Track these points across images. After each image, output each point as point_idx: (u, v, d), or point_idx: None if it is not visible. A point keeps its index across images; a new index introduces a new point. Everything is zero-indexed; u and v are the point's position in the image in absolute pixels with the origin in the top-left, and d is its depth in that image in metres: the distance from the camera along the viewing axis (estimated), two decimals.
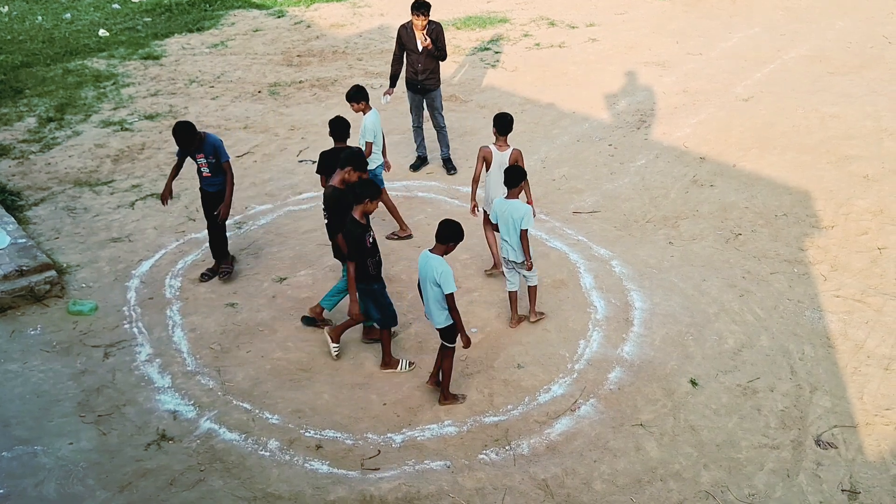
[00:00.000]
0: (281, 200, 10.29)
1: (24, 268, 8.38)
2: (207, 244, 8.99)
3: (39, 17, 19.37)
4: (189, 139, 8.14)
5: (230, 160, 8.51)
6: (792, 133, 11.93)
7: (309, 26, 18.44)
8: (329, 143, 8.55)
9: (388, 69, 15.39)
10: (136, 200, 10.54)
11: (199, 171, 8.48)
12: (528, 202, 7.87)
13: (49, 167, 11.49)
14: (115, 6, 20.34)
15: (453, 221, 6.64)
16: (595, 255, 9.15)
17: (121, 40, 17.53)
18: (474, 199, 8.52)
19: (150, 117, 13.26)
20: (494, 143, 8.39)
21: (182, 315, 8.22)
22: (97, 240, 9.59)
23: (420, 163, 11.46)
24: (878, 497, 6.00)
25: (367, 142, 9.07)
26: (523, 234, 7.51)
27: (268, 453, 6.46)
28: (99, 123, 13.01)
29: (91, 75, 15.18)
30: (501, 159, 8.26)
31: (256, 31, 18.20)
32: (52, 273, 8.50)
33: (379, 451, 6.49)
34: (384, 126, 9.61)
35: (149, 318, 8.16)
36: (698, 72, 14.70)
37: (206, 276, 8.75)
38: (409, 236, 9.48)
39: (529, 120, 12.97)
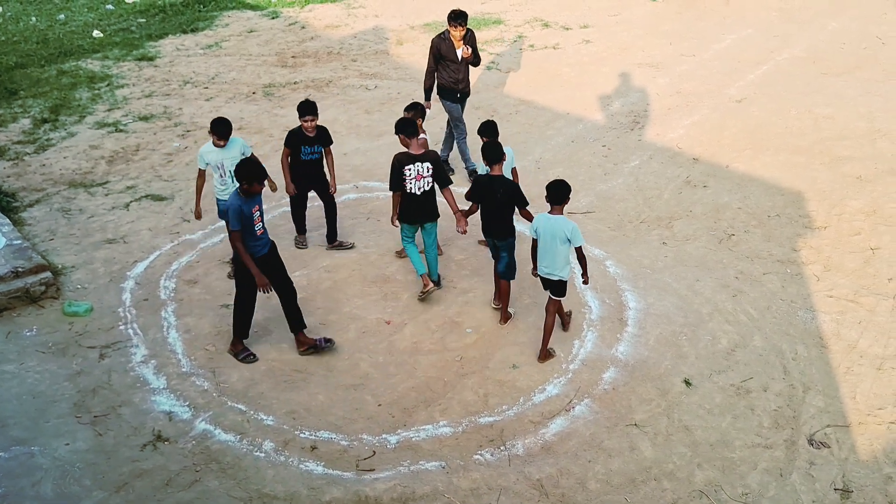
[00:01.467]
0: (275, 201, 10.30)
1: (20, 269, 8.38)
2: (202, 245, 9.01)
3: (33, 18, 19.33)
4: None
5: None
6: (785, 134, 11.98)
7: (303, 27, 18.44)
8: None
9: (382, 70, 15.51)
10: (131, 202, 10.54)
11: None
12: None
13: (44, 168, 11.48)
14: (109, 7, 20.30)
15: (562, 181, 7.25)
16: (590, 255, 9.18)
17: (115, 41, 17.51)
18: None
19: (144, 118, 13.26)
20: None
21: (177, 316, 8.23)
22: (92, 241, 9.59)
23: (472, 175, 10.88)
24: (871, 496, 6.04)
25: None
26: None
27: (263, 454, 6.47)
28: (93, 125, 13.00)
29: (85, 76, 15.16)
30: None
31: (251, 32, 18.20)
32: (48, 274, 8.50)
33: (374, 451, 6.51)
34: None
35: (144, 320, 8.17)
36: (692, 73, 14.74)
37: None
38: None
39: (524, 121, 13.00)
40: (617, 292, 8.51)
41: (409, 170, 8.05)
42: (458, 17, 10.46)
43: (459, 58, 10.63)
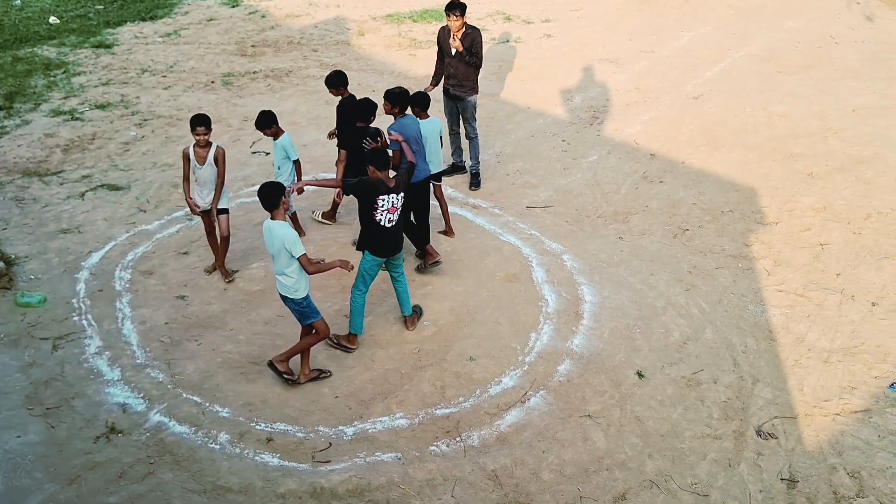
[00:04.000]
0: (233, 192, 10.22)
1: None
2: (158, 236, 8.95)
3: None
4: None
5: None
6: (740, 131, 12.19)
7: (264, 16, 18.29)
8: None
9: (343, 60, 15.48)
10: (87, 191, 10.39)
11: None
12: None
13: None
14: None
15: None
16: (547, 249, 9.28)
17: (72, 28, 17.21)
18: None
19: (101, 107, 13.07)
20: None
21: (132, 307, 8.16)
22: (46, 231, 9.46)
23: (451, 170, 10.91)
24: (816, 486, 6.21)
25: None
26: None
27: (218, 446, 6.46)
28: (49, 112, 12.78)
29: (41, 63, 14.89)
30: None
31: (210, 20, 18.00)
32: (0, 264, 8.36)
33: (330, 443, 6.53)
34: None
35: (98, 311, 8.08)
36: (650, 69, 14.91)
37: None
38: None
39: (485, 114, 13.04)
40: (573, 286, 8.61)
41: (384, 200, 7.23)
42: (450, 7, 9.89)
43: (453, 52, 10.12)
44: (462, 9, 9.92)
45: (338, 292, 8.45)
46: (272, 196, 6.58)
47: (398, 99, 8.48)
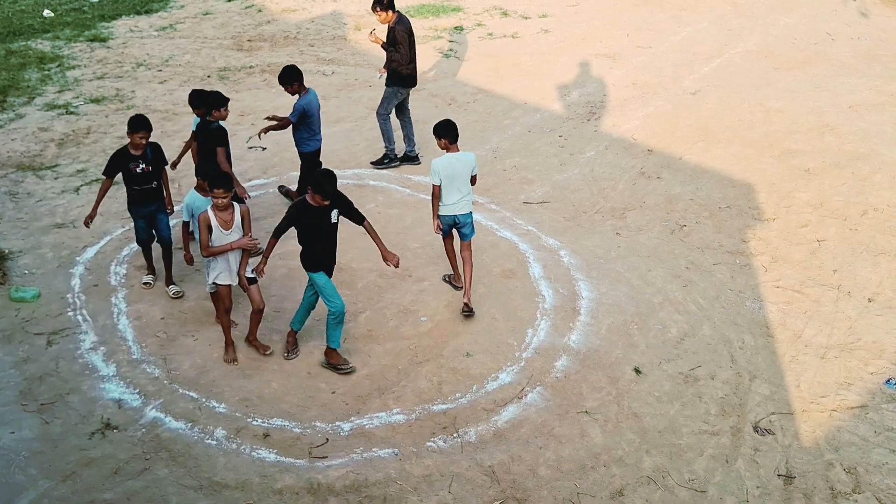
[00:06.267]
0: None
1: None
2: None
3: None
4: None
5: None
6: (737, 127, 12.18)
7: (260, 10, 18.22)
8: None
9: (340, 55, 15.43)
10: (81, 186, 10.35)
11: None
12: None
13: None
14: None
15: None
16: (544, 244, 9.26)
17: (66, 21, 17.12)
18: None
19: (96, 101, 13.01)
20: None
21: (127, 303, 8.12)
22: (40, 225, 9.41)
23: (403, 158, 11.19)
24: (812, 482, 6.21)
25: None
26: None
27: (214, 442, 6.44)
28: (43, 106, 12.72)
29: (35, 57, 14.81)
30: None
31: (206, 14, 17.93)
32: None
33: (327, 439, 6.51)
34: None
35: (93, 306, 8.05)
36: (647, 65, 14.90)
37: None
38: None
39: (482, 110, 13.03)
40: (570, 282, 8.60)
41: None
42: (374, 2, 10.34)
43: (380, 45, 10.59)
44: (382, 4, 10.24)
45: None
46: None
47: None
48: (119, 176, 8.00)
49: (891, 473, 6.27)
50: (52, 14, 17.56)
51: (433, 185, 7.77)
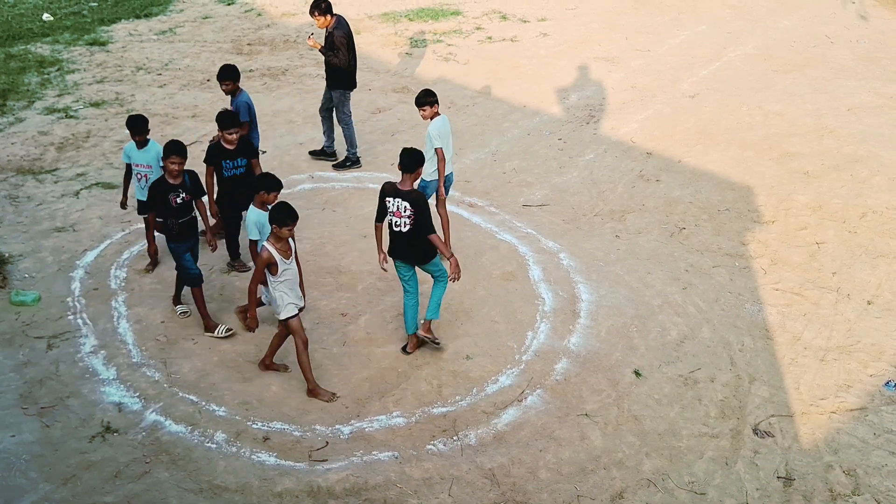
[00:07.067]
0: None
1: None
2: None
3: None
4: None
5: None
6: (736, 129, 12.20)
7: (260, 14, 18.25)
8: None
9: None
10: (81, 189, 10.36)
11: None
12: None
13: None
14: None
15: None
16: (544, 247, 9.27)
17: (66, 25, 17.15)
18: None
19: (95, 105, 13.02)
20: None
21: (127, 306, 8.13)
22: (40, 229, 9.42)
23: (320, 152, 11.41)
24: (812, 484, 6.21)
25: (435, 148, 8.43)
26: None
27: (214, 445, 6.44)
28: (43, 110, 12.74)
29: (35, 61, 14.83)
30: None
31: (206, 18, 17.95)
32: None
33: (327, 442, 6.51)
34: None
35: (93, 309, 8.05)
36: (646, 68, 14.92)
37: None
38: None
39: (481, 113, 13.05)
40: (570, 284, 8.61)
41: (389, 202, 7.09)
42: (311, 7, 10.43)
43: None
44: (320, 8, 10.37)
45: (334, 290, 8.43)
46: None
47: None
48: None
49: (890, 475, 6.27)
50: (52, 18, 17.58)
51: (438, 149, 8.32)
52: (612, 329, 7.91)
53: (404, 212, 6.98)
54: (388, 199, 7.07)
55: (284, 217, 6.46)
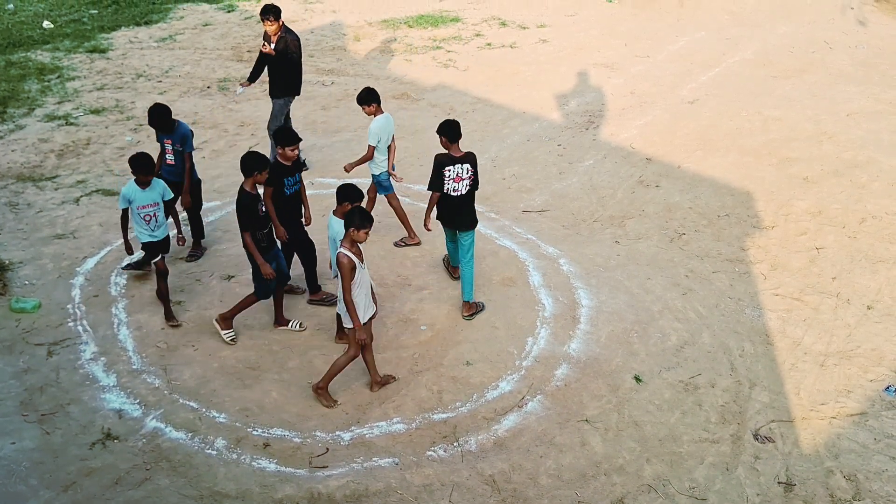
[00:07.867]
0: (230, 197, 10.20)
1: None
2: None
3: None
4: (164, 121, 8.52)
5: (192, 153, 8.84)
6: (735, 135, 12.20)
7: (259, 21, 18.27)
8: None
9: (339, 66, 15.47)
10: (81, 196, 10.37)
11: (164, 158, 8.75)
12: None
13: None
14: None
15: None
16: (544, 253, 9.28)
17: (66, 32, 17.18)
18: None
19: (95, 112, 13.05)
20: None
21: (128, 313, 8.13)
22: (41, 236, 9.42)
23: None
24: (813, 489, 6.21)
25: (370, 145, 8.96)
26: None
27: (215, 452, 6.44)
28: (43, 117, 12.76)
29: (35, 68, 14.86)
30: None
31: (206, 25, 17.99)
32: None
33: (327, 448, 6.51)
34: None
35: (94, 316, 8.05)
36: (646, 74, 14.95)
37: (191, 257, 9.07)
38: (418, 244, 9.37)
39: (480, 119, 13.07)
40: (570, 290, 8.61)
41: (449, 171, 7.76)
42: (263, 12, 10.38)
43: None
44: (276, 13, 10.34)
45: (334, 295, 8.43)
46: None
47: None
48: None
49: (890, 480, 6.27)
50: (52, 25, 17.61)
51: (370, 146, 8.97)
52: (613, 334, 7.91)
53: (465, 174, 7.84)
54: (447, 168, 7.79)
55: (364, 220, 6.51)
